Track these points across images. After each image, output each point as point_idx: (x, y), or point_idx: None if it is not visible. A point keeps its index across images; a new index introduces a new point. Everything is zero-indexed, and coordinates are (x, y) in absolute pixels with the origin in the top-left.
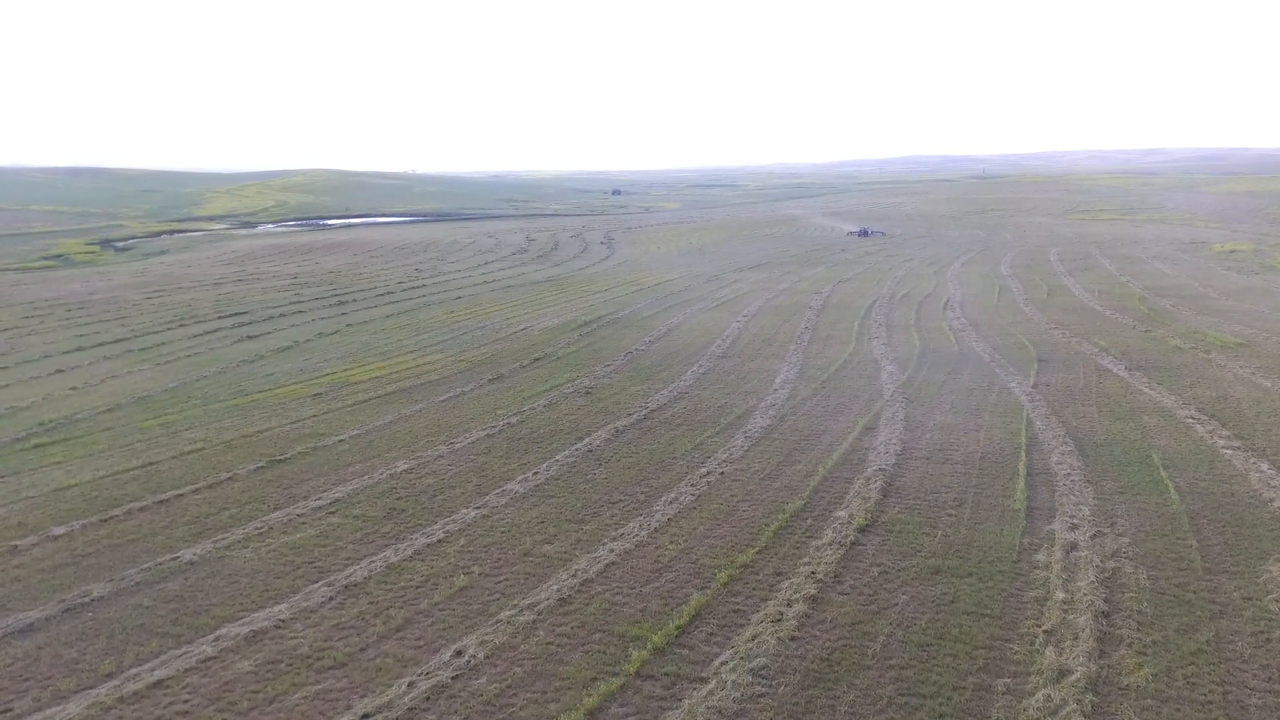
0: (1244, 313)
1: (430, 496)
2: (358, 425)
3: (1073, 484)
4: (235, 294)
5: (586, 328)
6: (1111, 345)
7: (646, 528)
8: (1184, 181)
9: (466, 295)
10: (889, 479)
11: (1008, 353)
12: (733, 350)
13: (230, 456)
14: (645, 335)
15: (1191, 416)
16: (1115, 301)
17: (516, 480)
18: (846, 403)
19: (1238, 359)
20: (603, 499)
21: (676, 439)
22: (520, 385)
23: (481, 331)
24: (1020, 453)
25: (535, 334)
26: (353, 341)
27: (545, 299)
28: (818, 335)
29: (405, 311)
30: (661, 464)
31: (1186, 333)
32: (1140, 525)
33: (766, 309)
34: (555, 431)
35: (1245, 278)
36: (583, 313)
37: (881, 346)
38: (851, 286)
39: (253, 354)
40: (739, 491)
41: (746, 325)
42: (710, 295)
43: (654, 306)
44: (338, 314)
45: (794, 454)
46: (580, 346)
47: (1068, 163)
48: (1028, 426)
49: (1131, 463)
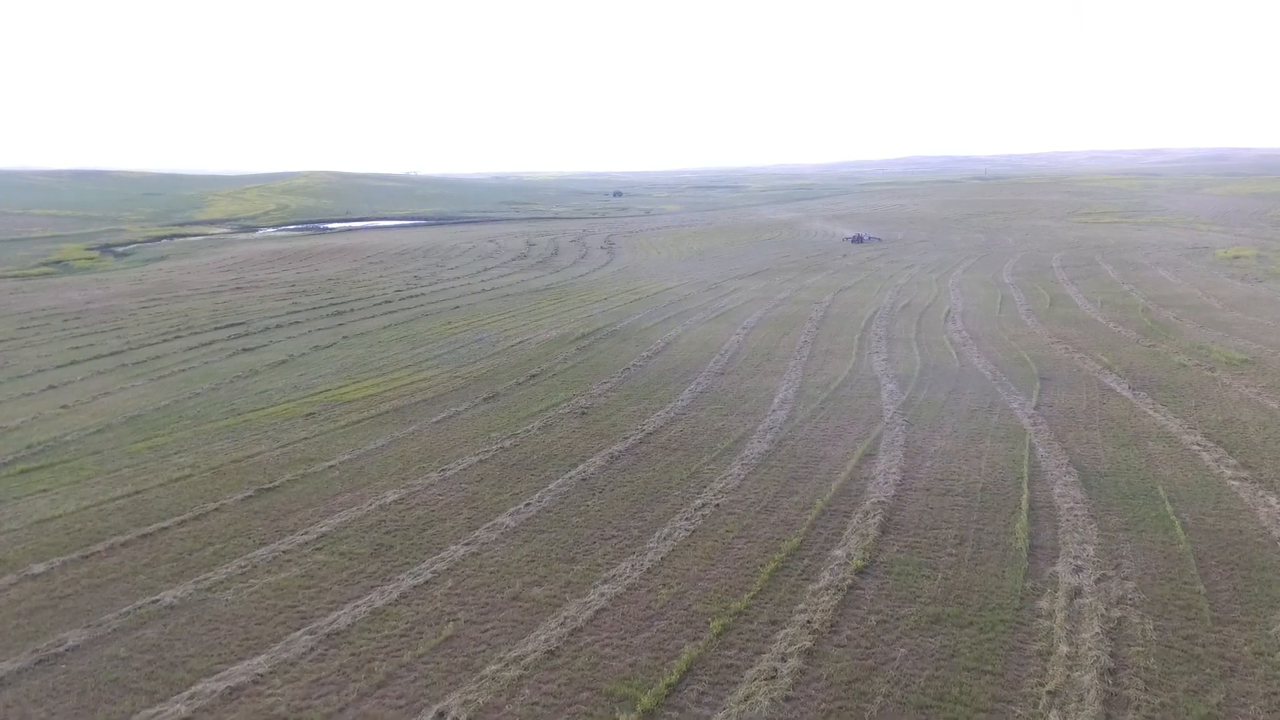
0: (1249, 325)
1: (419, 531)
2: (349, 449)
3: (1076, 520)
4: (233, 303)
5: (584, 340)
6: (1114, 362)
7: (639, 568)
8: (1186, 183)
9: (465, 305)
10: (888, 513)
11: (1009, 370)
12: (731, 366)
13: (218, 484)
14: (643, 349)
15: (1197, 443)
16: (1118, 313)
17: (508, 513)
18: (846, 425)
19: (1243, 377)
20: (595, 534)
21: (672, 466)
22: (516, 404)
23: (478, 344)
24: (1023, 484)
25: (532, 347)
26: (348, 356)
27: (543, 309)
28: (817, 350)
29: (403, 323)
30: (656, 494)
31: (1190, 348)
32: (1146, 567)
33: (766, 320)
34: (549, 457)
35: (1249, 286)
36: (581, 324)
37: (882, 362)
38: (852, 296)
39: (247, 369)
40: (734, 526)
41: (746, 339)
42: (710, 305)
43: (653, 317)
44: (334, 325)
45: (791, 484)
46: (577, 362)
47: (1069, 163)
48: (1030, 454)
49: (1136, 495)
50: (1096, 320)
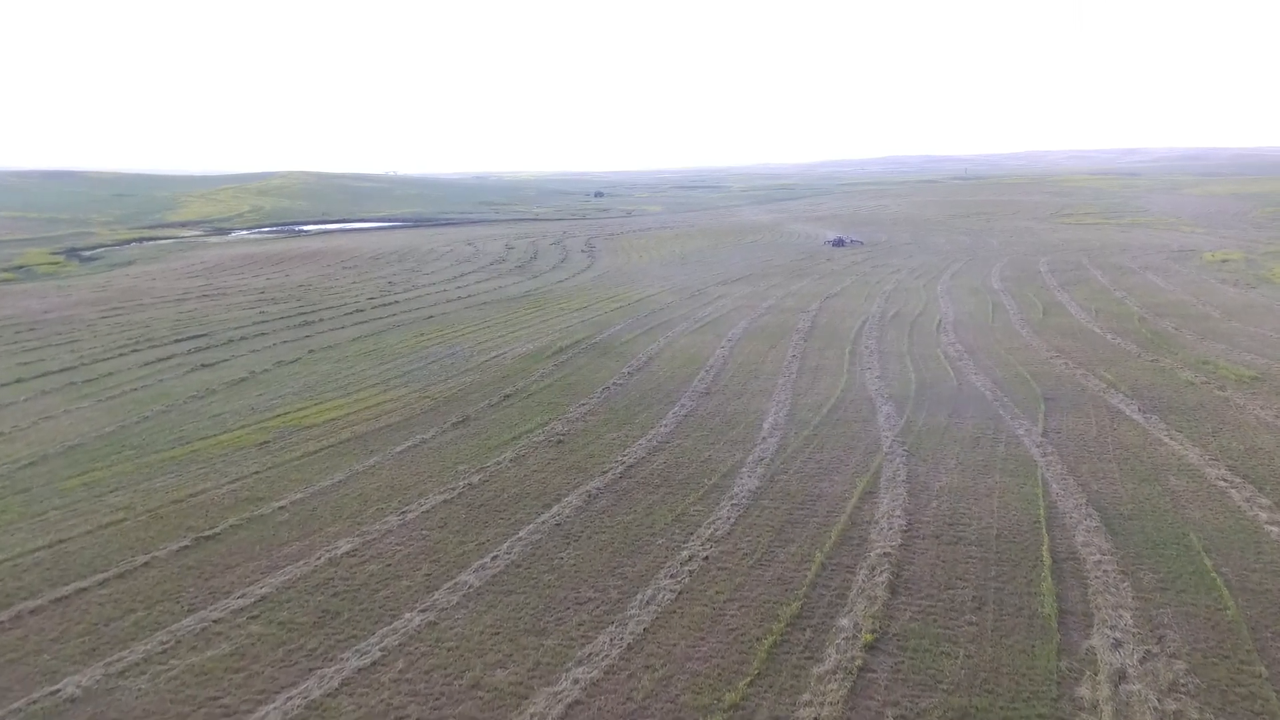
0: (1250, 337)
1: (371, 592)
2: (302, 486)
3: (1106, 576)
4: (197, 312)
5: (562, 355)
6: (1119, 379)
7: (619, 643)
8: (1166, 183)
9: (439, 314)
10: (896, 567)
11: (1010, 389)
12: (717, 385)
13: (153, 531)
14: (624, 365)
15: (1223, 478)
16: (1114, 323)
17: (472, 568)
18: (842, 456)
19: (1256, 397)
20: (569, 596)
21: (655, 506)
22: (487, 430)
23: (451, 359)
24: (1041, 529)
25: (507, 362)
26: (313, 373)
27: (521, 318)
28: (806, 365)
29: (373, 334)
30: (637, 543)
31: (1195, 363)
32: (1195, 641)
33: (752, 331)
34: (521, 496)
35: (1243, 292)
36: (559, 336)
37: (875, 380)
38: (840, 304)
39: (204, 387)
40: (725, 586)
41: (731, 352)
42: (693, 314)
43: (634, 328)
44: (302, 337)
45: (787, 529)
46: (554, 380)
47: (1049, 163)
48: (1044, 491)
49: (1167, 544)
50: (1093, 331)
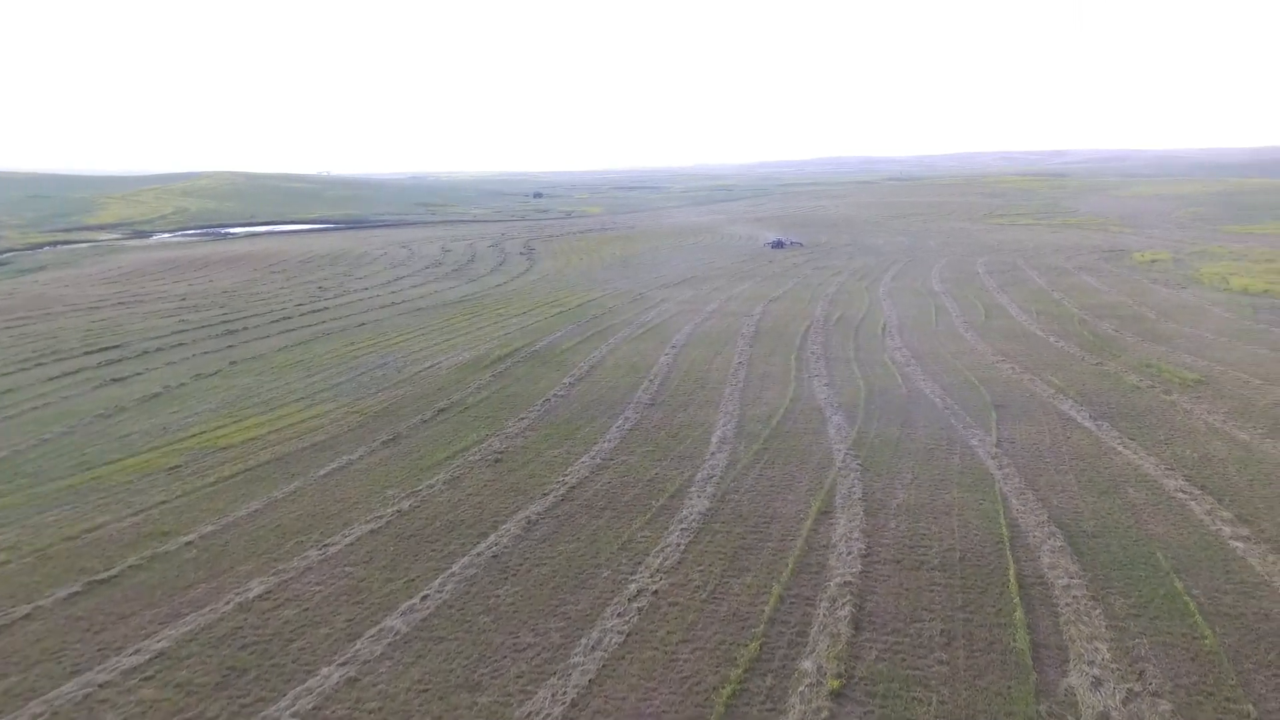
0: (1188, 339)
1: (284, 643)
2: (213, 518)
3: (1077, 603)
4: (111, 321)
5: (500, 364)
6: (1067, 384)
7: (561, 699)
8: (1093, 184)
9: (371, 321)
10: (859, 598)
11: (960, 396)
12: (662, 395)
13: (40, 575)
14: (565, 375)
15: (1181, 490)
16: (1056, 325)
17: (399, 611)
18: (794, 472)
19: (1201, 401)
20: (506, 642)
21: (600, 533)
22: (419, 448)
23: (382, 370)
24: (1004, 550)
25: (443, 373)
26: (233, 386)
27: (457, 325)
28: (753, 372)
29: (300, 343)
30: (581, 577)
31: (1139, 365)
32: (1176, 676)
33: (696, 337)
34: (454, 524)
35: (1175, 293)
36: (497, 344)
37: (824, 388)
38: (783, 307)
39: (113, 405)
40: (677, 625)
41: (676, 359)
42: (636, 319)
43: (575, 335)
44: (224, 347)
45: (740, 556)
46: (492, 392)
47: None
48: (1004, 508)
49: (1134, 564)
50: (1036, 334)
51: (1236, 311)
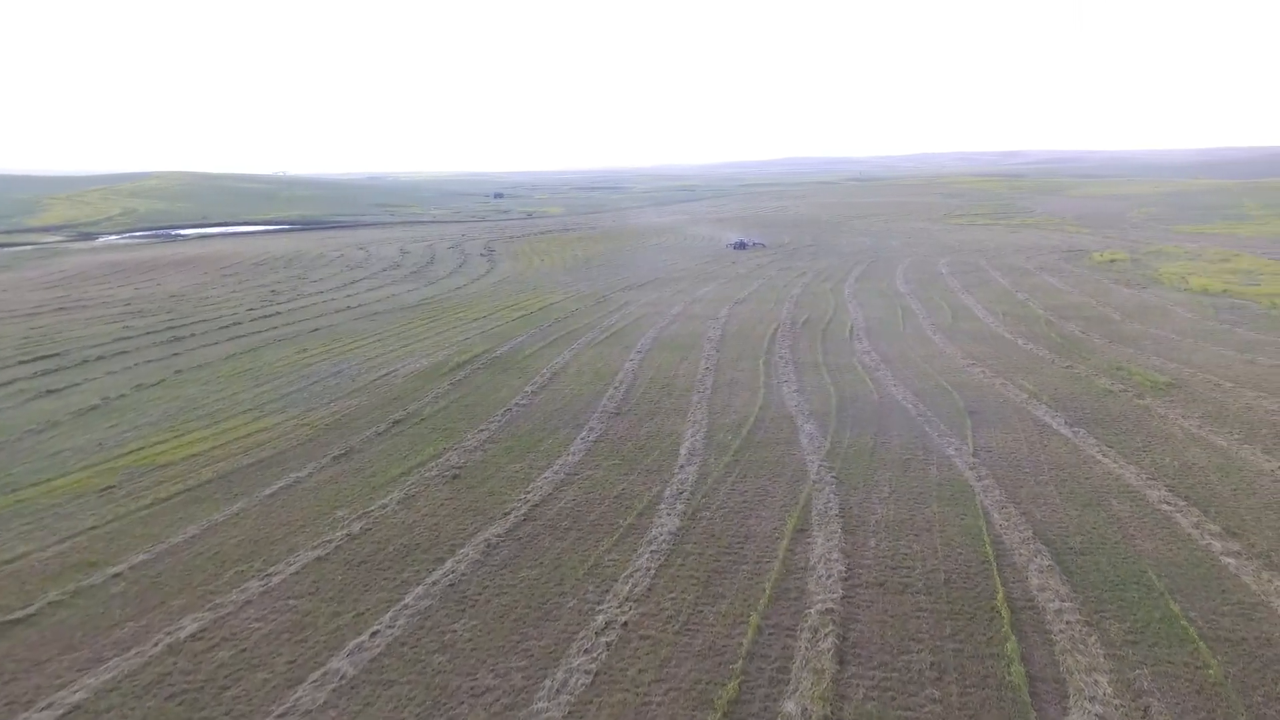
0: (1154, 340)
1: (218, 691)
2: (147, 545)
3: (1070, 629)
4: (50, 329)
5: (459, 372)
6: (1040, 389)
7: None
8: (1048, 185)
9: (325, 327)
10: (842, 627)
11: (933, 402)
12: (628, 403)
13: None
14: (527, 382)
15: (1166, 501)
16: (1022, 327)
17: (346, 650)
18: (767, 486)
19: (1174, 405)
20: (464, 685)
21: (564, 557)
22: (373, 464)
23: (336, 379)
24: (991, 570)
25: (399, 382)
26: (177, 397)
27: (415, 330)
28: (721, 379)
29: (250, 350)
30: (545, 607)
31: (1108, 368)
32: (1183, 712)
33: (661, 341)
34: (409, 548)
35: (1136, 293)
36: (456, 350)
37: (794, 394)
38: (749, 310)
39: (45, 419)
40: (650, 662)
41: (641, 365)
42: (599, 323)
43: (537, 340)
44: (169, 355)
45: (715, 581)
46: (450, 401)
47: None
48: (987, 523)
49: (1126, 584)
50: (1004, 336)
51: (1199, 312)
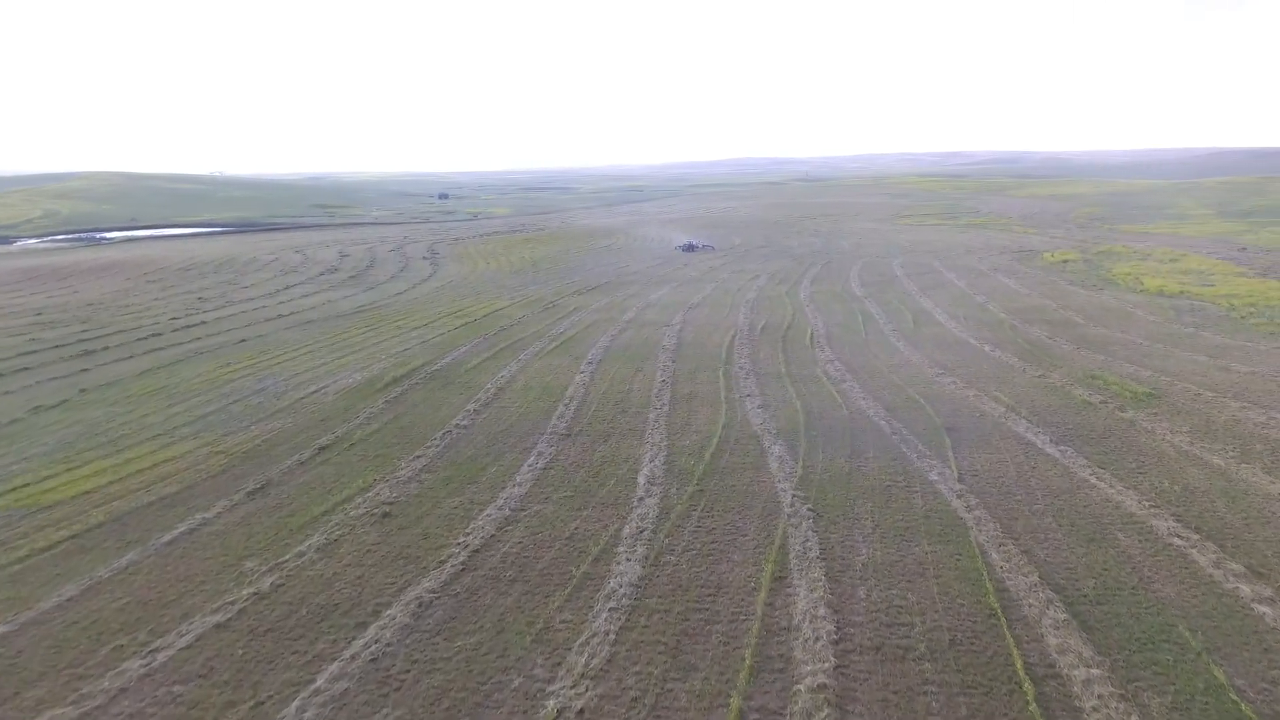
0: (1123, 345)
1: None
2: (10, 613)
3: (1105, 705)
4: None
5: (396, 387)
6: (1016, 402)
7: None
8: (992, 185)
9: (254, 337)
10: (838, 709)
11: (906, 417)
12: (579, 422)
13: None
14: (470, 399)
15: (1176, 534)
16: (988, 332)
17: None
18: (738, 522)
19: (1159, 418)
20: None
21: (508, 618)
22: (292, 501)
23: (259, 397)
24: (1001, 627)
25: (329, 400)
26: (78, 420)
27: (351, 340)
28: (679, 393)
29: (168, 364)
30: (485, 689)
31: (1083, 377)
32: None
33: (614, 350)
34: (326, 610)
35: (1094, 295)
36: (394, 362)
37: (758, 410)
38: (704, 315)
39: None
40: None
41: (593, 378)
42: (548, 331)
43: (481, 350)
44: (76, 371)
45: (685, 647)
46: (384, 423)
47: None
48: (986, 565)
49: (1156, 642)
50: (969, 342)
51: (1160, 314)
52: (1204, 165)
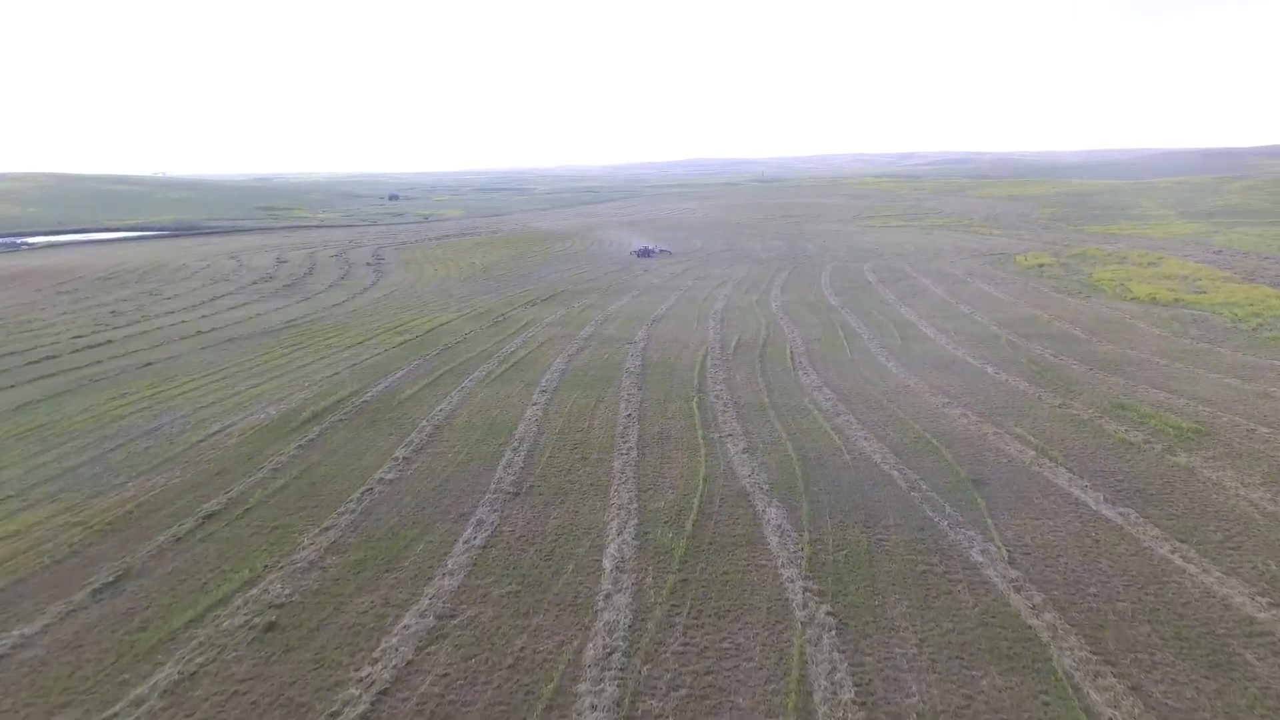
0: (1139, 365)
1: None
2: None
3: None
4: None
5: (314, 426)
6: (1044, 441)
7: None
8: (948, 185)
9: (162, 360)
10: None
11: (920, 464)
12: (530, 474)
13: None
14: (399, 443)
15: None
16: (984, 349)
17: None
18: (737, 638)
19: (1220, 466)
20: None
21: None
22: (151, 603)
23: (148, 440)
24: None
25: (231, 443)
26: None
27: (272, 362)
28: (648, 431)
29: (54, 395)
30: None
31: (1109, 408)
32: None
33: (571, 375)
34: None
35: (1083, 303)
36: (317, 391)
37: (743, 455)
38: (670, 329)
39: None
40: None
41: (547, 412)
42: (497, 351)
43: (420, 373)
44: None
45: None
46: (292, 476)
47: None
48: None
49: None
50: (968, 362)
51: (1164, 327)
52: (1156, 166)
